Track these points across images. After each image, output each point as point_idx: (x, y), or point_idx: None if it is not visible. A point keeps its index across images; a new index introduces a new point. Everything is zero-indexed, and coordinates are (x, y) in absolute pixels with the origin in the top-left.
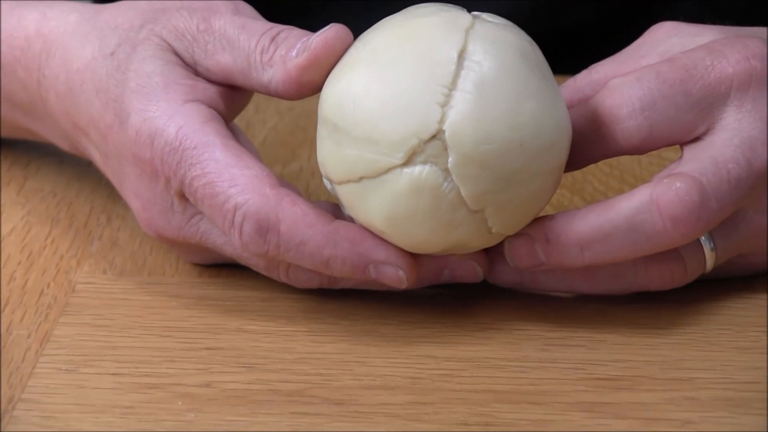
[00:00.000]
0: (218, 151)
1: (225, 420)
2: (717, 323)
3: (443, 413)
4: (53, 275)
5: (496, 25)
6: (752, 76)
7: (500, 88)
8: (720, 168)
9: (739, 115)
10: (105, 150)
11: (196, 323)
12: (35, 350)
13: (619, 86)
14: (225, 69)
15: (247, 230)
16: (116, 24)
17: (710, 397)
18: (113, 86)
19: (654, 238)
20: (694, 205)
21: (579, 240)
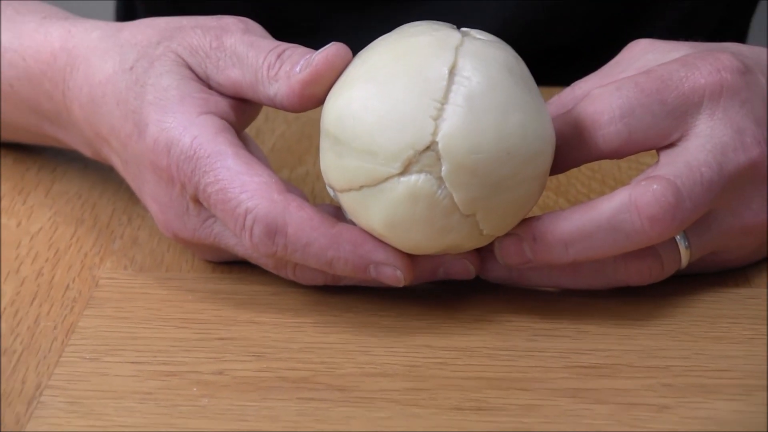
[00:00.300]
0: (230, 160)
1: (236, 405)
2: (691, 315)
3: (438, 398)
4: (78, 271)
5: (484, 42)
6: (723, 86)
7: (488, 101)
8: (693, 171)
9: (711, 122)
10: (125, 157)
11: (210, 315)
12: (61, 340)
13: (600, 95)
14: (235, 83)
15: (257, 233)
16: (135, 41)
17: (685, 384)
18: (132, 98)
19: (633, 236)
20: (670, 206)
21: (563, 238)
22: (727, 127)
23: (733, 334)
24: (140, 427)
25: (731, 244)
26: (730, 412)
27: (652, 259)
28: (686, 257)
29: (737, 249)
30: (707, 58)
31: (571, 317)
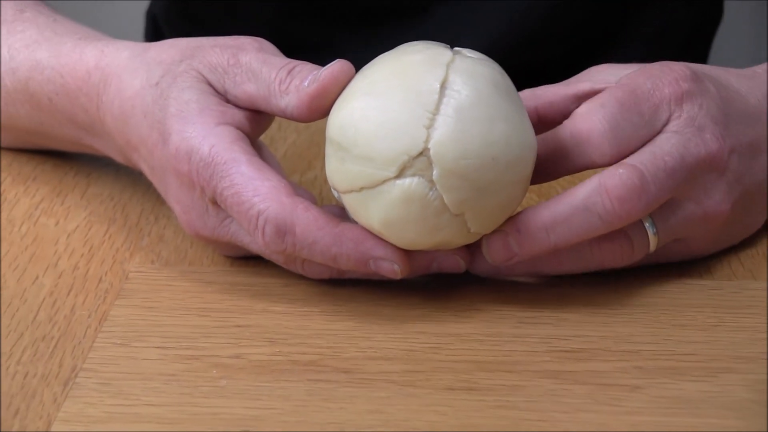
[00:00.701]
0: (243, 166)
1: (252, 385)
2: (660, 305)
3: (433, 380)
4: (110, 265)
5: (473, 60)
6: (683, 93)
7: (476, 112)
8: (657, 159)
9: (675, 123)
10: (151, 164)
11: (228, 305)
12: (94, 328)
13: (589, 113)
14: (250, 96)
15: (268, 232)
16: (160, 59)
17: (655, 366)
18: (157, 110)
19: (605, 216)
20: (635, 187)
21: (545, 224)
22: (689, 126)
23: (698, 322)
24: (165, 405)
25: (695, 231)
26: (695, 392)
27: (624, 240)
28: (654, 242)
29: (701, 237)
30: (665, 70)
31: (552, 306)
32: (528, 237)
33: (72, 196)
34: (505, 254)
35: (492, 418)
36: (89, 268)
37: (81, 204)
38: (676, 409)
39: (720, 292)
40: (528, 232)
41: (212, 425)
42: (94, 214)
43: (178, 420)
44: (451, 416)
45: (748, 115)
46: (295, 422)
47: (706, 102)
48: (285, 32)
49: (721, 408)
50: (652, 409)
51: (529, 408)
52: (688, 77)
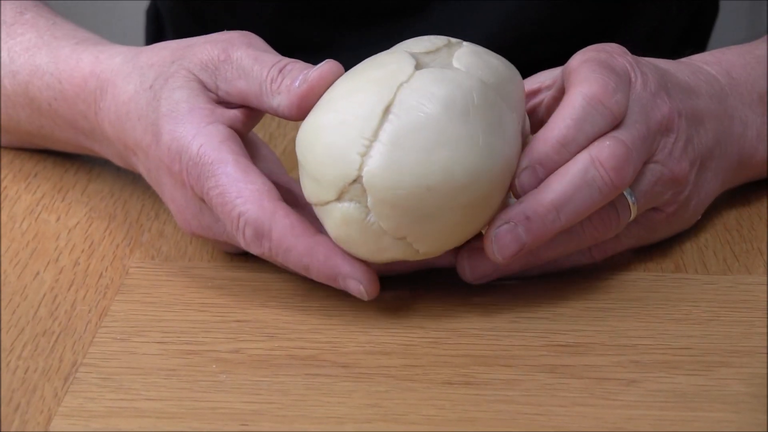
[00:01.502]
0: (230, 167)
1: (251, 380)
2: (656, 299)
3: (431, 374)
4: (110, 261)
5: (439, 73)
6: (630, 63)
7: (413, 139)
8: (631, 129)
9: (634, 89)
10: (147, 165)
11: (228, 300)
12: (95, 323)
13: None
14: (242, 93)
15: (247, 234)
16: (152, 62)
17: (650, 360)
18: (151, 112)
19: (603, 188)
20: (624, 155)
21: (554, 206)
22: (644, 91)
23: (693, 316)
24: (165, 400)
25: (666, 194)
26: (691, 385)
27: (610, 211)
28: (634, 210)
29: (672, 201)
30: (606, 47)
31: (549, 301)
32: (538, 222)
33: (73, 193)
34: (515, 246)
35: (489, 411)
36: (90, 263)
37: (82, 200)
38: (671, 403)
39: (715, 287)
40: (537, 217)
41: (212, 420)
42: (95, 211)
43: (178, 414)
44: (449, 410)
45: (683, 87)
46: (294, 416)
47: (650, 70)
48: (285, 31)
49: (716, 402)
50: (648, 402)
51: (526, 402)
52: (624, 50)
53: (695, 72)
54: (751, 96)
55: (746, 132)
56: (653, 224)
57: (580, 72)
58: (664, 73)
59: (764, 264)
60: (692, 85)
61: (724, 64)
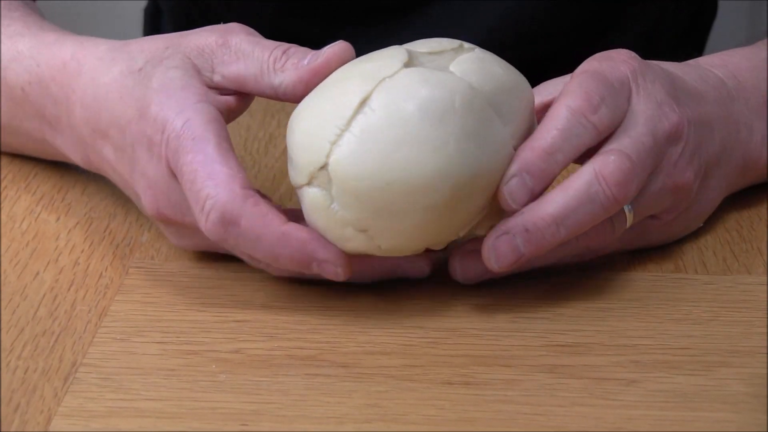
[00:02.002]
0: (210, 147)
1: (251, 380)
2: (656, 299)
3: (430, 374)
4: (110, 261)
5: (426, 73)
6: (636, 70)
7: (381, 134)
8: (637, 142)
9: (638, 99)
10: (121, 144)
11: (228, 300)
12: (95, 323)
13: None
14: (238, 76)
15: (212, 218)
16: (143, 49)
17: (650, 360)
18: (138, 90)
19: (605, 203)
20: (628, 171)
21: (554, 219)
22: (650, 101)
23: (693, 316)
24: (164, 400)
25: (666, 203)
26: (691, 385)
27: (605, 221)
28: (630, 218)
29: (673, 210)
30: (611, 54)
31: (549, 301)
32: (537, 235)
33: (72, 193)
34: (513, 257)
35: (489, 412)
36: (90, 263)
37: (81, 200)
38: (671, 403)
39: (715, 287)
40: (537, 230)
41: (211, 420)
42: (95, 211)
43: (178, 414)
44: (449, 410)
45: (691, 93)
46: (294, 416)
47: (657, 77)
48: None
49: (716, 402)
50: (648, 402)
51: (526, 402)
52: (634, 57)
53: (703, 76)
54: (757, 100)
55: (751, 137)
56: (647, 230)
57: (571, 83)
58: (673, 79)
59: (764, 264)
60: (700, 90)
61: (731, 67)
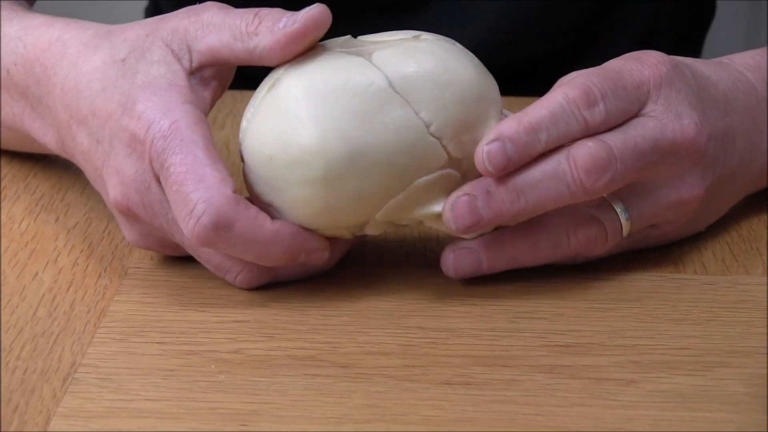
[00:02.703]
0: (199, 150)
1: (250, 380)
2: (655, 300)
3: (430, 374)
4: (109, 261)
5: (334, 57)
6: (662, 77)
7: (271, 110)
8: (629, 139)
9: (654, 107)
10: (98, 136)
11: (227, 300)
12: (94, 323)
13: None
14: (211, 48)
15: (203, 222)
16: (125, 37)
17: (650, 361)
18: (122, 83)
19: (572, 186)
20: (601, 161)
21: (517, 186)
22: (668, 111)
23: (692, 316)
24: (164, 400)
25: (668, 215)
26: (690, 386)
27: (597, 227)
28: (627, 227)
29: (674, 222)
30: (643, 56)
31: (548, 301)
32: (497, 198)
33: (72, 193)
34: (472, 218)
35: (488, 412)
36: (89, 264)
37: (81, 200)
38: (670, 403)
39: (714, 287)
40: (497, 193)
41: (211, 420)
42: (94, 211)
43: (177, 415)
44: (448, 410)
45: (720, 103)
46: (293, 417)
47: (684, 87)
48: None
49: (715, 402)
50: (647, 403)
51: (525, 402)
52: (666, 62)
53: (735, 80)
54: None
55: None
56: (645, 238)
57: (581, 74)
58: (705, 85)
59: (763, 264)
60: (730, 98)
61: (764, 71)
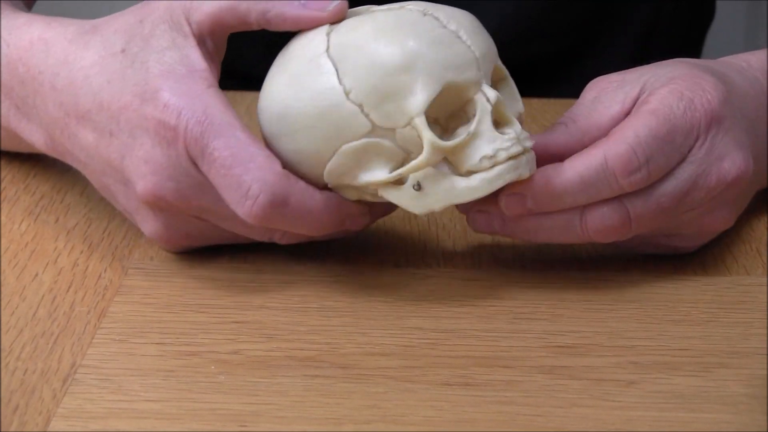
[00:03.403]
0: (239, 132)
1: (250, 381)
2: (655, 301)
3: (430, 375)
4: (109, 261)
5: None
6: (713, 119)
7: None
8: (650, 202)
9: (698, 152)
10: (111, 128)
11: (227, 301)
12: (94, 324)
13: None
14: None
15: (261, 202)
16: (115, 29)
17: (649, 362)
18: (131, 74)
19: (582, 239)
20: (614, 228)
21: (527, 226)
22: (710, 155)
23: (691, 317)
24: (163, 401)
25: (686, 232)
26: (690, 386)
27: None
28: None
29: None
30: (696, 89)
31: (548, 302)
32: (509, 227)
33: (72, 194)
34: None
35: (488, 413)
36: (88, 264)
37: (81, 201)
38: (670, 404)
39: (714, 288)
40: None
41: (210, 420)
42: (94, 212)
43: (177, 415)
44: (448, 411)
45: (757, 129)
46: (293, 417)
47: (734, 124)
48: None
49: (715, 403)
50: (647, 403)
51: (525, 403)
52: (720, 98)
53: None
54: None
55: None
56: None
57: (631, 122)
58: (753, 122)
59: (763, 265)
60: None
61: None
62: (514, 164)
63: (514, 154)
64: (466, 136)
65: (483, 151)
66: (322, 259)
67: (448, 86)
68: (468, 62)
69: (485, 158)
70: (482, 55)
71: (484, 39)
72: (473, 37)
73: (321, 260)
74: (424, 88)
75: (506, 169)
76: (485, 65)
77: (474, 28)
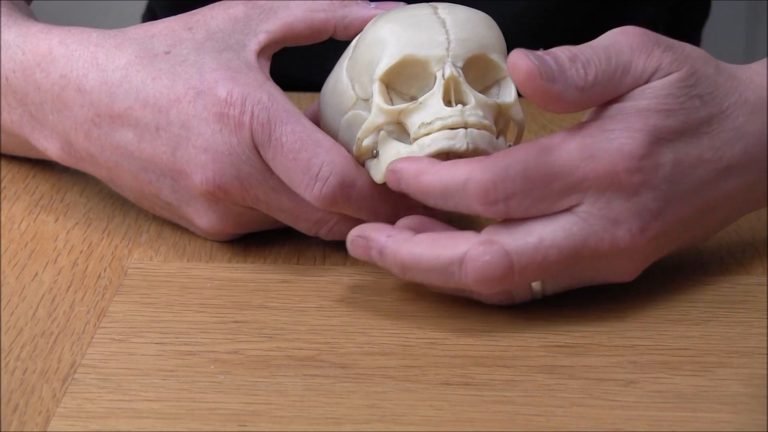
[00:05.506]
0: (303, 119)
1: (249, 381)
2: (654, 300)
3: (429, 375)
4: (109, 261)
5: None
6: (613, 182)
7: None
8: (538, 251)
9: (590, 209)
10: (158, 123)
11: (226, 301)
12: (93, 324)
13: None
14: (286, 24)
15: (331, 183)
16: (152, 34)
17: (649, 361)
18: (182, 71)
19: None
20: (496, 275)
21: (404, 262)
22: (602, 219)
23: (691, 317)
24: (163, 400)
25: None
26: (689, 386)
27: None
28: (540, 292)
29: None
30: (613, 145)
31: (547, 302)
32: (388, 260)
33: (71, 194)
34: (365, 257)
35: (488, 412)
36: (88, 264)
37: (80, 201)
38: (670, 404)
39: (713, 287)
40: (388, 257)
41: (210, 420)
42: (94, 211)
43: (177, 415)
44: (448, 411)
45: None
46: (293, 417)
47: (647, 186)
48: None
49: (714, 402)
50: (647, 403)
51: (525, 402)
52: (639, 155)
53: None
54: None
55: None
56: None
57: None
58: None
59: (763, 265)
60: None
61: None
62: (449, 134)
63: (450, 125)
64: (411, 103)
65: (422, 119)
66: (321, 259)
67: (410, 59)
68: (437, 42)
69: (423, 125)
70: (458, 39)
71: (472, 28)
72: (459, 25)
73: (321, 260)
74: (385, 57)
75: (440, 137)
76: (459, 49)
77: (466, 20)
